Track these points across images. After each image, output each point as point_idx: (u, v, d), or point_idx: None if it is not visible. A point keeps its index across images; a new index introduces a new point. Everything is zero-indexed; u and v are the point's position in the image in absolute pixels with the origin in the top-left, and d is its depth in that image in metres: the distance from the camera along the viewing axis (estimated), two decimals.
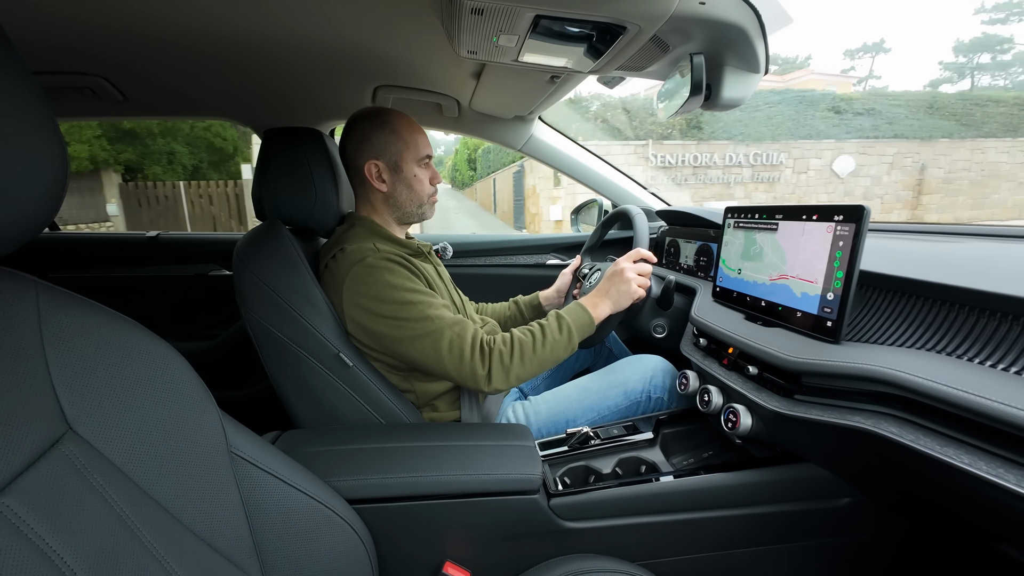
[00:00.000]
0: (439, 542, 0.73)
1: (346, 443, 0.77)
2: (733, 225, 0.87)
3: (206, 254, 1.62)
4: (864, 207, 0.62)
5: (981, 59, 22.03)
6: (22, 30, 0.87)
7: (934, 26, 54.63)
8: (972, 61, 22.34)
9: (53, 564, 0.33)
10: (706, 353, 0.86)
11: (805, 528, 0.77)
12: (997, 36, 21.60)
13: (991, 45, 21.70)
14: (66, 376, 0.40)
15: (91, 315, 0.43)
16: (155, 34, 0.89)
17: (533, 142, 1.48)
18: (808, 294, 0.69)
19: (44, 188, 0.37)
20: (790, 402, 0.64)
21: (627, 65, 0.87)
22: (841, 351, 0.61)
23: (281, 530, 0.53)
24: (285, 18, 0.84)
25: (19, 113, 0.35)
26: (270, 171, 0.93)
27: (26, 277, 0.41)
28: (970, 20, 26.30)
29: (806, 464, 0.74)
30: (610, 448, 0.87)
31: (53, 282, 0.43)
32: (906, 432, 0.50)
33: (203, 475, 0.47)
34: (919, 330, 0.59)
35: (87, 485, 0.38)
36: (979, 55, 22.02)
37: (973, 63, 22.29)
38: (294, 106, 1.30)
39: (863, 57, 26.57)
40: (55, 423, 0.38)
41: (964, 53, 22.29)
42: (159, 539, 0.40)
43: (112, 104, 1.23)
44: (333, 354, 0.83)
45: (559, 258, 1.65)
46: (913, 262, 0.68)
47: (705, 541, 0.77)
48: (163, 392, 0.45)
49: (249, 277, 0.84)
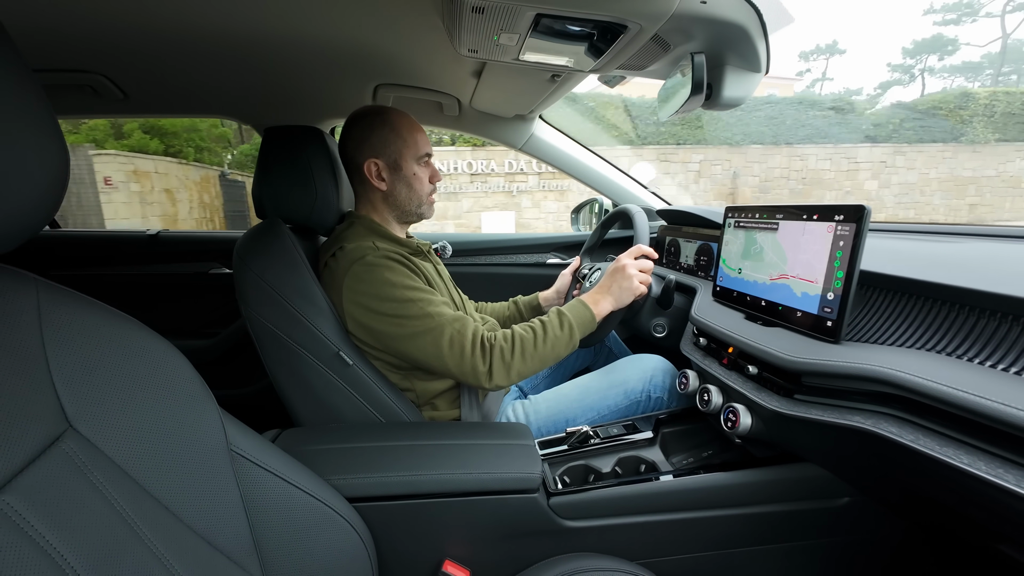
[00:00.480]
0: (439, 540, 0.73)
1: (346, 442, 0.77)
2: (733, 225, 0.87)
3: (206, 252, 1.62)
4: (865, 207, 0.62)
5: (929, 61, 21.65)
6: (22, 27, 0.87)
7: (886, 27, 53.12)
8: (921, 62, 21.99)
9: (53, 562, 0.33)
10: (706, 352, 0.86)
11: (804, 528, 0.77)
12: (943, 36, 21.23)
13: (939, 46, 21.35)
14: (66, 374, 0.40)
15: (91, 313, 0.43)
16: (155, 31, 0.89)
17: (534, 141, 1.48)
18: (808, 294, 0.69)
19: (44, 186, 0.37)
20: (790, 402, 0.64)
21: (628, 64, 0.87)
22: (841, 351, 0.61)
23: (281, 528, 0.53)
24: (286, 16, 0.84)
25: (19, 111, 0.35)
26: (271, 169, 0.93)
27: (26, 275, 0.41)
28: (921, 21, 25.77)
29: (805, 464, 0.75)
30: (610, 447, 0.87)
31: (53, 280, 0.43)
32: (906, 432, 0.50)
33: (203, 473, 0.47)
34: (919, 330, 0.59)
35: (87, 483, 0.38)
36: (927, 56, 21.66)
37: (923, 64, 21.95)
38: (295, 104, 1.30)
39: (818, 59, 26.10)
40: (55, 421, 0.38)
41: (912, 55, 22.05)
42: (159, 536, 0.40)
43: (112, 102, 1.23)
44: (333, 352, 0.84)
45: (559, 257, 1.65)
46: (913, 262, 0.68)
47: (704, 540, 0.77)
48: (163, 390, 0.45)
49: (249, 275, 0.84)
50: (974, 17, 21.33)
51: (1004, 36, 20.41)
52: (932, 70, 22.02)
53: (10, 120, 0.34)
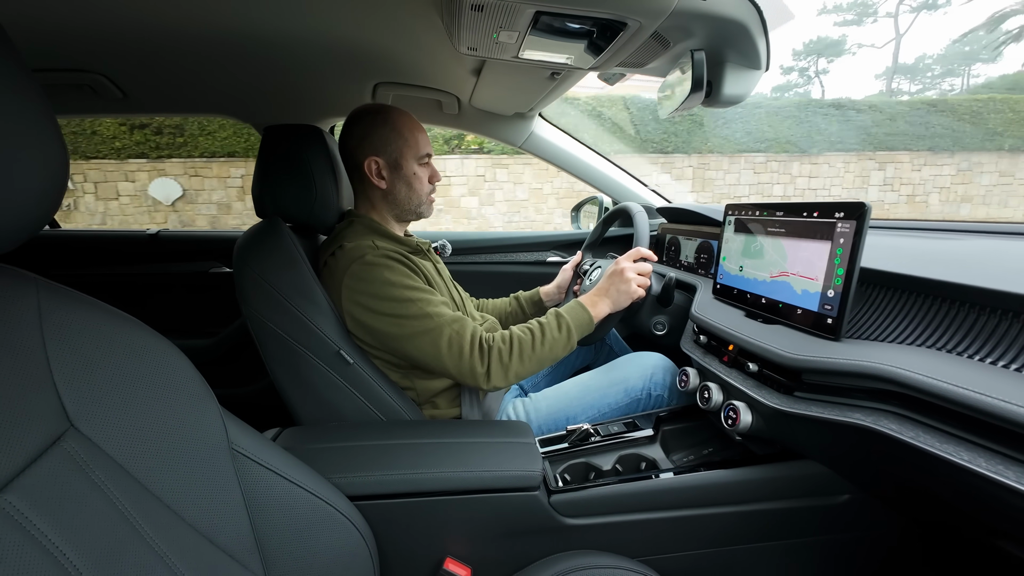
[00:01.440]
0: (440, 538, 0.73)
1: (347, 440, 0.77)
2: (733, 222, 0.87)
3: (206, 251, 1.62)
4: (865, 204, 0.62)
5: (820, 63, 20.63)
6: (21, 27, 0.86)
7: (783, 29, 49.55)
8: (815, 65, 20.97)
9: (56, 560, 0.33)
10: (706, 350, 0.86)
11: (805, 524, 0.77)
12: (828, 38, 20.15)
13: (826, 48, 20.26)
14: (67, 373, 0.40)
15: (92, 313, 0.43)
16: (154, 30, 0.89)
17: (533, 139, 1.47)
18: (808, 291, 0.69)
19: (44, 185, 0.37)
20: (790, 399, 0.65)
21: (628, 61, 0.87)
22: (841, 348, 0.61)
23: (282, 526, 0.53)
24: (286, 14, 0.84)
25: (18, 111, 0.34)
26: (270, 168, 0.93)
27: (27, 275, 0.41)
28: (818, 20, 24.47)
29: (806, 461, 0.75)
30: (610, 445, 0.87)
31: (54, 280, 0.43)
32: (906, 429, 0.50)
33: (204, 471, 0.47)
34: (919, 327, 0.59)
35: (89, 482, 0.38)
36: (817, 58, 20.55)
37: (818, 67, 20.97)
38: (294, 103, 1.30)
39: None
40: (57, 420, 0.38)
41: (801, 57, 20.73)
42: (161, 535, 0.40)
43: (111, 101, 1.23)
44: (334, 351, 0.84)
45: (559, 255, 1.65)
46: (914, 259, 0.68)
47: (705, 537, 0.77)
48: (164, 389, 0.45)
49: (249, 274, 0.84)
50: (874, 18, 20.06)
51: (897, 37, 19.36)
52: (825, 71, 20.95)
53: (10, 120, 0.34)
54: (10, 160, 0.34)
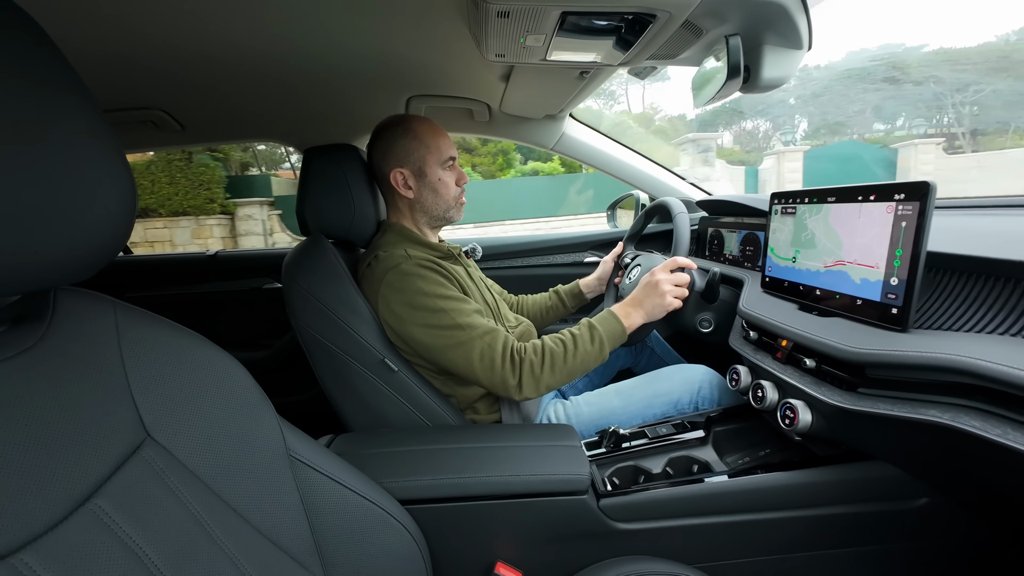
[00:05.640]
0: (489, 543, 0.73)
1: (396, 445, 0.79)
2: (780, 211, 0.83)
3: (260, 268, 1.71)
4: (929, 183, 0.57)
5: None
6: (91, 74, 0.95)
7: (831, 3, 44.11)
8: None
9: (139, 560, 0.36)
10: (758, 347, 0.82)
11: (875, 531, 0.72)
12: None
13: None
14: (143, 387, 0.43)
15: (162, 330, 0.47)
16: (208, 60, 0.94)
17: (565, 140, 1.47)
18: (869, 280, 0.64)
19: (118, 217, 0.40)
20: (854, 396, 0.60)
21: (659, 54, 0.85)
22: (910, 340, 0.56)
23: (339, 530, 0.55)
24: (322, 35, 0.87)
25: (93, 152, 0.38)
26: (311, 188, 0.97)
27: (105, 297, 0.45)
28: None
29: (875, 462, 0.69)
30: (659, 447, 0.85)
31: (127, 301, 0.47)
32: (991, 426, 0.46)
33: (266, 477, 0.49)
34: (996, 313, 0.53)
35: (165, 487, 0.41)
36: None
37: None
38: (332, 122, 1.35)
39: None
40: (136, 430, 0.42)
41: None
42: (229, 537, 0.43)
43: (172, 134, 1.33)
44: (378, 359, 0.86)
45: (597, 255, 1.62)
46: (986, 239, 0.62)
47: (764, 544, 0.73)
48: (227, 399, 0.48)
49: (297, 289, 0.88)
50: None
51: None
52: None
53: (86, 162, 0.37)
54: (89, 199, 0.37)
